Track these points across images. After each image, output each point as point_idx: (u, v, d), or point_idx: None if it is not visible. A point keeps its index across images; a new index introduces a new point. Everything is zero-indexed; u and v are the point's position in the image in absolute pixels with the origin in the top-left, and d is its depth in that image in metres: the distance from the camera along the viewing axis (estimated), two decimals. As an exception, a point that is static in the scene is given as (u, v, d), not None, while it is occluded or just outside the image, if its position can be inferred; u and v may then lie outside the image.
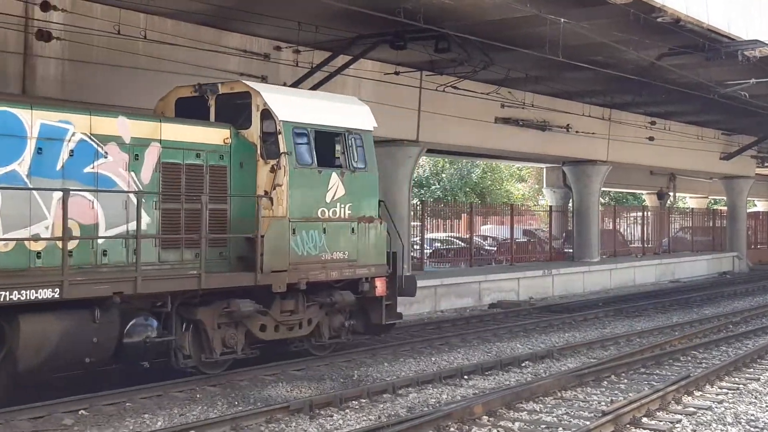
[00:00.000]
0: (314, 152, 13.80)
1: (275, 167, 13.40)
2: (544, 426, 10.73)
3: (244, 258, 13.11)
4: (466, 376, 13.74)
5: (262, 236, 12.89)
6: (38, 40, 15.36)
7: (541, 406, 11.70)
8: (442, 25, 17.79)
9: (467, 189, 53.05)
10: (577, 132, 29.62)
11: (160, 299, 12.06)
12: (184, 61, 16.93)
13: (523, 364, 14.93)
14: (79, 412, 10.96)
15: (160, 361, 12.56)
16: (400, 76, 22.19)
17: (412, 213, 26.32)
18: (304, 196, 13.65)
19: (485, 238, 35.33)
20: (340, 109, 14.61)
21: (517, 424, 10.74)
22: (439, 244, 32.40)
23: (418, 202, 32.42)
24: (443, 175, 53.28)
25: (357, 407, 11.55)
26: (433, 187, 52.49)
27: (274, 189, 13.40)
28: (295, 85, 20.04)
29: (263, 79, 19.58)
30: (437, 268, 28.78)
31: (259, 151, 13.53)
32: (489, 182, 55.01)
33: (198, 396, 12.13)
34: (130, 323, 11.78)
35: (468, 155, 36.55)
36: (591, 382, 13.23)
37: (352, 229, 14.39)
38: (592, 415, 11.14)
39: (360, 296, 14.70)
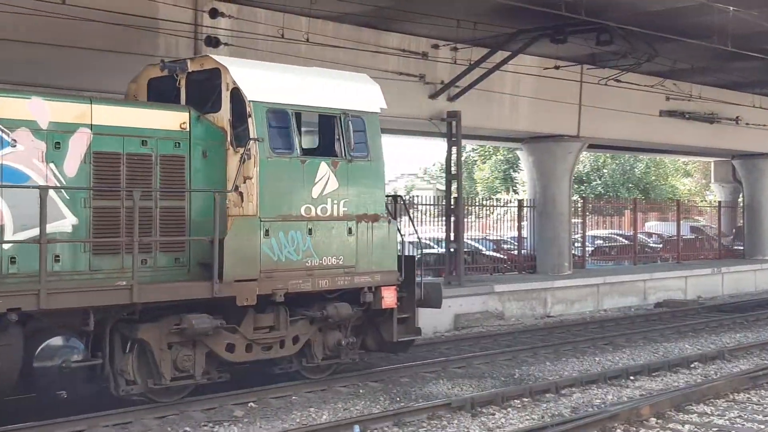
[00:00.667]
0: (296, 138, 11.75)
1: (245, 156, 11.36)
2: (715, 429, 10.33)
3: (208, 265, 10.94)
4: (632, 377, 13.37)
5: (222, 239, 10.87)
6: (207, 46, 15.96)
7: (712, 408, 11.26)
8: (604, 17, 17.39)
9: (630, 185, 51.66)
10: (747, 124, 28.35)
11: (82, 316, 10.09)
12: (344, 62, 17.21)
13: (692, 365, 14.41)
14: (249, 405, 11.32)
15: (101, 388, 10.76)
16: (560, 70, 21.83)
17: (572, 209, 25.87)
18: (282, 191, 11.52)
19: (650, 235, 34.36)
20: (336, 88, 12.46)
21: (686, 426, 10.38)
22: (601, 242, 31.72)
23: (579, 199, 31.84)
24: (605, 171, 52.10)
25: (519, 406, 11.43)
26: (594, 183, 51.42)
27: (244, 182, 11.39)
28: (453, 83, 20.07)
29: (420, 78, 19.71)
30: (599, 265, 28.19)
31: (229, 138, 11.52)
32: (653, 177, 53.39)
33: (361, 391, 12.31)
34: (42, 345, 9.95)
35: (631, 150, 35.63)
36: (765, 385, 12.63)
37: (350, 229, 12.17)
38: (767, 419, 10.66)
39: (362, 309, 12.49)
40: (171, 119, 11.22)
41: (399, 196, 14.13)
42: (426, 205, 25.92)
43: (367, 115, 12.52)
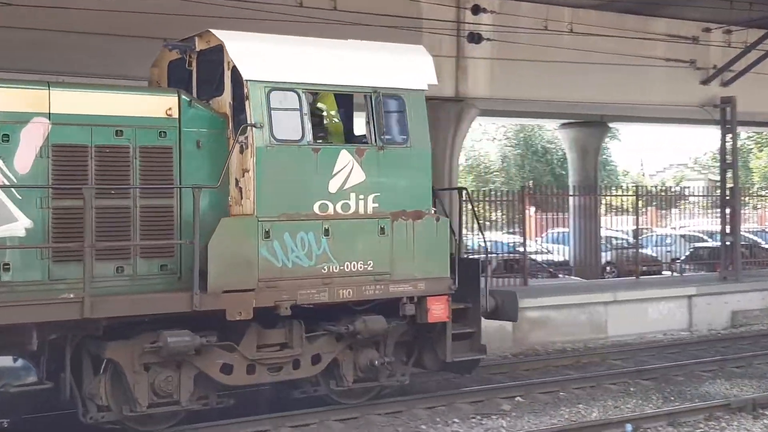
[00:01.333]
0: (307, 123, 9.91)
1: (242, 146, 9.71)
2: None
3: (204, 272, 9.42)
4: None
5: (205, 244, 9.31)
6: (469, 42, 16.11)
7: None
8: None
9: None
10: None
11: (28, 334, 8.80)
12: (607, 50, 16.79)
13: None
14: (516, 399, 11.29)
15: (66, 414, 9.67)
16: None
17: None
18: (287, 185, 9.77)
19: None
20: (366, 62, 10.52)
21: None
22: None
23: None
24: None
25: (807, 409, 10.68)
26: None
27: (243, 176, 9.80)
28: (726, 67, 19.00)
29: (691, 64, 18.81)
30: None
31: (231, 126, 9.94)
32: None
33: (632, 389, 11.94)
34: None
35: None
36: None
37: (382, 228, 10.18)
38: None
39: (404, 322, 10.55)
40: (154, 105, 9.72)
41: (463, 188, 12.18)
42: (698, 196, 24.82)
43: (408, 93, 10.45)
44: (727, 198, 20.12)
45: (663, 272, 22.90)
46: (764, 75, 19.37)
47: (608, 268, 24.26)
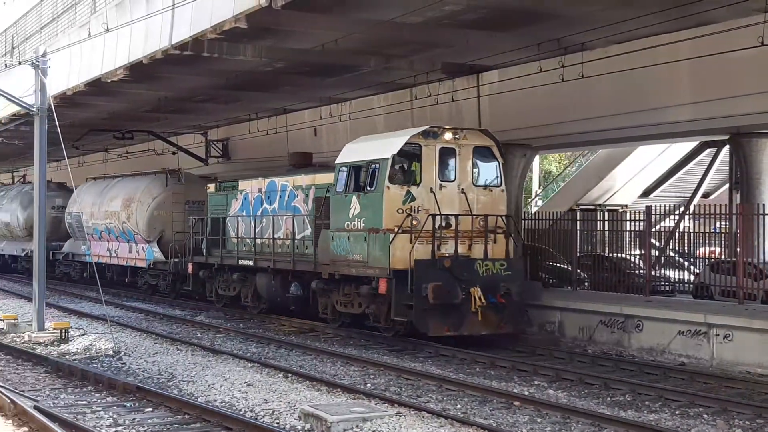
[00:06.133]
0: (349, 182, 18.78)
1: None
2: None
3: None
4: None
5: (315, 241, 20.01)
6: None
7: None
8: None
9: None
10: None
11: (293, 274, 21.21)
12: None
13: None
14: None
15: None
16: None
17: None
18: (339, 214, 19.07)
19: None
20: (371, 145, 18.96)
21: None
22: None
23: None
24: None
25: None
26: None
27: None
28: None
29: None
30: None
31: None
32: None
33: None
34: (291, 285, 21.12)
35: None
36: None
37: (365, 237, 18.26)
38: None
39: (375, 291, 18.18)
40: (330, 176, 19.75)
41: (445, 216, 18.73)
42: None
43: (381, 161, 18.20)
44: None
45: None
46: None
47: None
